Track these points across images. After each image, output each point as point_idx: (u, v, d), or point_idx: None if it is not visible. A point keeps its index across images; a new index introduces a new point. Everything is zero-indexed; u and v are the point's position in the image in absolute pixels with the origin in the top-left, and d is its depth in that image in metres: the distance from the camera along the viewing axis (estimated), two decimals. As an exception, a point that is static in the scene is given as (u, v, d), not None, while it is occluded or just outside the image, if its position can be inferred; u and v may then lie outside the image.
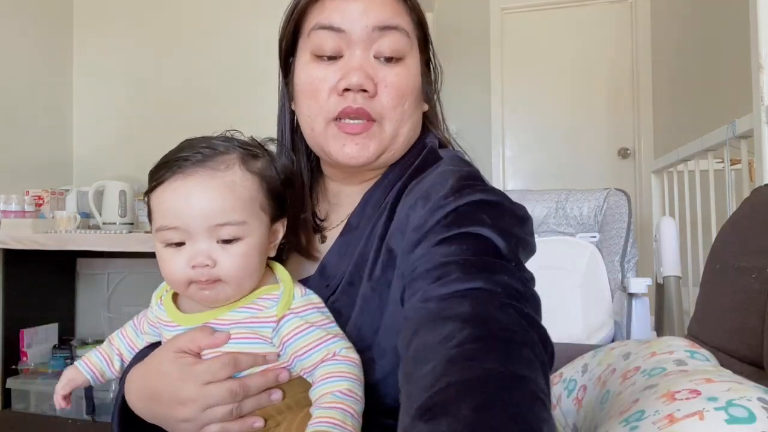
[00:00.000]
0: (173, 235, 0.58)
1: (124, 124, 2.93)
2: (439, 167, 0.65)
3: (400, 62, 0.65)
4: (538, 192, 2.20)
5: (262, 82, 2.77)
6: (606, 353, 0.85)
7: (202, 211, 0.57)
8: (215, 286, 0.59)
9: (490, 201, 0.57)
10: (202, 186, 0.57)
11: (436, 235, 0.54)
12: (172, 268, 0.59)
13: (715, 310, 0.94)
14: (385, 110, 0.65)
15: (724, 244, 0.97)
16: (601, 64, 3.64)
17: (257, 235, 0.60)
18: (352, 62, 0.64)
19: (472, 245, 0.52)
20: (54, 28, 2.87)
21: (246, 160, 0.61)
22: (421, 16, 0.69)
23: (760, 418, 0.46)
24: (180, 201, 0.57)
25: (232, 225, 0.58)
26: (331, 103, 0.65)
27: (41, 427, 2.26)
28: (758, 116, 1.40)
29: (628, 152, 3.60)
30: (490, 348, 0.42)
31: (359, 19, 0.64)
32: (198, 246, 0.58)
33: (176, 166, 0.58)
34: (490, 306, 0.46)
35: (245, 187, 0.59)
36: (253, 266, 0.60)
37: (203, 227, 0.57)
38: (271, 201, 0.62)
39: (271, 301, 0.61)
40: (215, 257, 0.58)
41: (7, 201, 2.27)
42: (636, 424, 0.51)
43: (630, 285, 1.76)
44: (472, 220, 0.54)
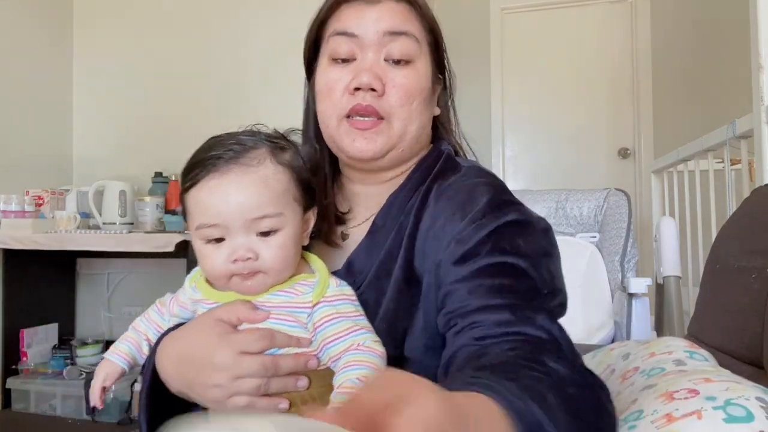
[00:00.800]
0: (213, 231, 0.60)
1: (124, 124, 2.93)
2: (466, 178, 0.70)
3: (408, 65, 0.70)
4: (538, 192, 2.20)
5: (264, 80, 2.77)
6: (605, 354, 0.85)
7: (240, 206, 0.59)
8: (256, 277, 0.61)
9: (522, 222, 0.64)
10: (237, 183, 0.60)
11: (481, 258, 0.61)
12: (214, 263, 0.61)
13: (715, 310, 0.94)
14: (393, 108, 0.69)
15: (724, 244, 0.97)
16: (601, 64, 3.64)
17: (293, 225, 0.63)
18: (363, 64, 0.69)
19: (514, 280, 0.59)
20: (54, 27, 2.87)
21: (275, 153, 0.63)
22: (433, 24, 0.74)
23: (758, 417, 0.46)
24: (217, 199, 0.60)
25: (269, 218, 0.60)
26: (344, 101, 0.70)
27: (41, 427, 2.26)
28: (758, 116, 1.40)
29: (628, 152, 3.60)
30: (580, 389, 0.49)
31: (371, 26, 0.69)
32: (238, 240, 0.60)
33: (210, 165, 0.61)
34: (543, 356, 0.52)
35: (278, 180, 0.62)
36: (291, 256, 0.63)
37: (241, 222, 0.59)
38: (302, 191, 0.65)
39: (307, 287, 0.63)
40: (256, 250, 0.60)
41: (7, 201, 2.27)
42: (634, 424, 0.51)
43: (630, 285, 1.76)
44: (513, 247, 0.61)
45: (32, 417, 2.31)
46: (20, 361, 2.41)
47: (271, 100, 2.75)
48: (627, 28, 3.62)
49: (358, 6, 0.71)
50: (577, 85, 3.66)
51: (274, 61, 2.78)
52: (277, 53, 2.77)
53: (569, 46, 3.69)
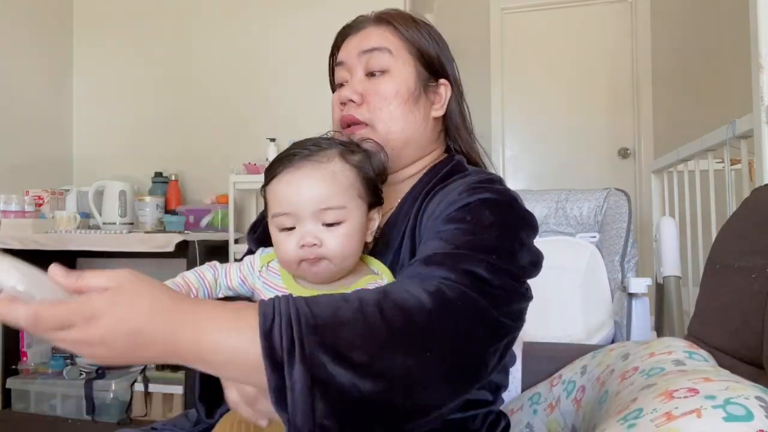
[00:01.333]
0: (286, 220, 0.68)
1: (124, 125, 2.93)
2: (465, 177, 0.76)
3: (385, 74, 0.81)
4: (538, 192, 2.20)
5: (264, 82, 2.77)
6: (605, 354, 0.85)
7: (309, 197, 0.66)
8: (321, 263, 0.67)
9: (497, 200, 0.69)
10: (308, 176, 0.67)
11: (443, 225, 0.67)
12: (286, 248, 0.68)
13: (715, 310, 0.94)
14: (373, 113, 0.80)
15: (724, 244, 0.97)
16: (601, 64, 3.64)
17: (356, 219, 0.69)
18: (348, 83, 0.83)
19: (464, 238, 0.63)
20: (54, 29, 2.87)
21: (345, 154, 0.71)
22: (416, 37, 0.83)
23: (758, 416, 0.46)
24: (290, 190, 0.67)
25: (334, 209, 0.67)
26: (337, 113, 0.83)
27: (41, 427, 2.26)
28: (758, 116, 1.40)
29: (628, 152, 3.60)
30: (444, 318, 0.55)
31: (353, 50, 0.83)
32: (306, 228, 0.67)
33: (287, 161, 0.69)
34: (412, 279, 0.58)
35: (345, 176, 0.69)
36: (354, 246, 0.69)
37: (310, 211, 0.66)
38: (367, 189, 0.71)
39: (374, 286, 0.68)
40: (321, 237, 0.66)
41: (7, 201, 2.27)
42: (634, 422, 0.51)
43: (630, 285, 1.76)
44: (474, 216, 0.66)
45: (32, 417, 2.31)
46: (20, 361, 2.42)
47: (270, 101, 2.75)
48: (627, 28, 3.62)
49: (348, 39, 0.85)
50: (577, 85, 3.66)
51: (274, 63, 2.78)
52: (277, 55, 2.78)
53: (569, 46, 3.69)
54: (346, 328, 0.50)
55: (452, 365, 0.53)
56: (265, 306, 0.51)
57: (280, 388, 0.48)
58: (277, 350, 0.48)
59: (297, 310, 0.50)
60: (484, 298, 0.57)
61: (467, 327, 0.55)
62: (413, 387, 0.51)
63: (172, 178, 2.70)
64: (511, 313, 0.61)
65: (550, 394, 0.91)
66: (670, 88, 3.47)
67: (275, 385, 0.48)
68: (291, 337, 0.48)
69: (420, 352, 0.51)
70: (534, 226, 0.71)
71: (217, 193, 2.67)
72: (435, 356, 0.52)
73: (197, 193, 2.80)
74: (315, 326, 0.49)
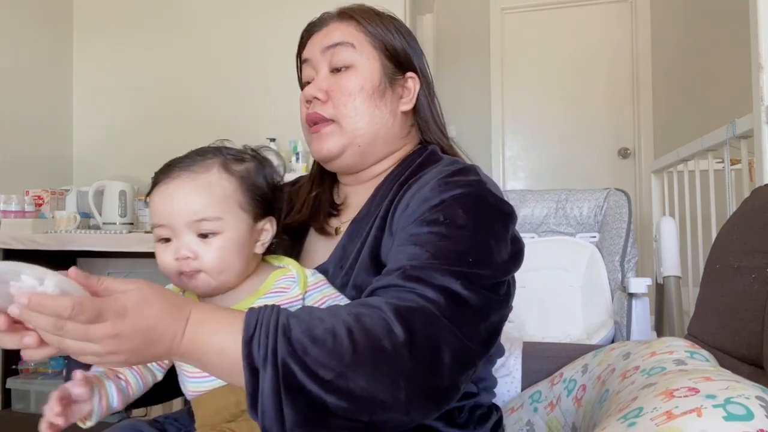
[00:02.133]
0: (162, 231, 0.67)
1: (124, 125, 2.93)
2: (437, 167, 0.75)
3: (349, 69, 0.79)
4: (538, 192, 2.20)
5: (262, 82, 2.77)
6: (606, 353, 0.85)
7: (181, 208, 0.65)
8: (198, 276, 0.66)
9: (469, 195, 0.68)
10: (181, 187, 0.66)
11: (414, 227, 0.66)
12: (163, 260, 0.67)
13: (715, 310, 0.94)
14: (338, 108, 0.78)
15: (724, 244, 0.97)
16: (601, 64, 3.64)
17: (235, 231, 0.67)
18: (314, 80, 0.81)
19: (436, 245, 0.63)
20: (54, 28, 2.87)
21: (227, 164, 0.69)
22: (382, 32, 0.81)
23: (758, 415, 0.46)
24: (165, 201, 0.67)
25: (208, 220, 0.65)
26: (304, 113, 0.82)
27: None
28: (758, 116, 1.40)
29: (628, 152, 3.60)
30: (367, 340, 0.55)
31: (316, 46, 0.81)
32: (181, 240, 0.66)
33: (166, 171, 0.68)
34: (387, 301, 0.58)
35: (221, 186, 0.67)
36: (232, 259, 0.67)
37: (183, 223, 0.65)
38: (252, 200, 0.69)
39: (289, 281, 0.70)
40: (196, 250, 0.65)
41: (7, 201, 2.27)
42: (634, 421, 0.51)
43: (630, 285, 1.76)
44: (448, 217, 0.65)
45: (32, 417, 2.31)
46: (20, 361, 2.41)
47: (269, 103, 2.75)
48: (627, 28, 3.62)
49: (313, 36, 0.83)
50: (577, 84, 3.67)
51: (274, 63, 2.78)
52: (277, 55, 2.77)
53: (569, 46, 3.69)
54: (316, 345, 0.52)
55: (419, 391, 0.55)
56: (250, 315, 0.54)
57: (254, 394, 0.51)
58: (255, 357, 0.52)
59: (277, 322, 0.53)
60: (457, 325, 0.58)
61: (437, 359, 0.56)
62: (377, 408, 0.53)
63: (172, 178, 2.70)
64: (487, 332, 0.61)
65: (550, 392, 0.91)
66: (670, 88, 3.47)
67: (251, 391, 0.51)
68: (267, 345, 0.52)
69: (384, 378, 0.53)
70: (509, 213, 0.70)
71: (217, 193, 2.67)
72: (400, 382, 0.53)
73: (197, 193, 2.80)
74: (289, 339, 0.52)
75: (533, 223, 2.13)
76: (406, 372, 0.54)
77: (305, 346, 0.52)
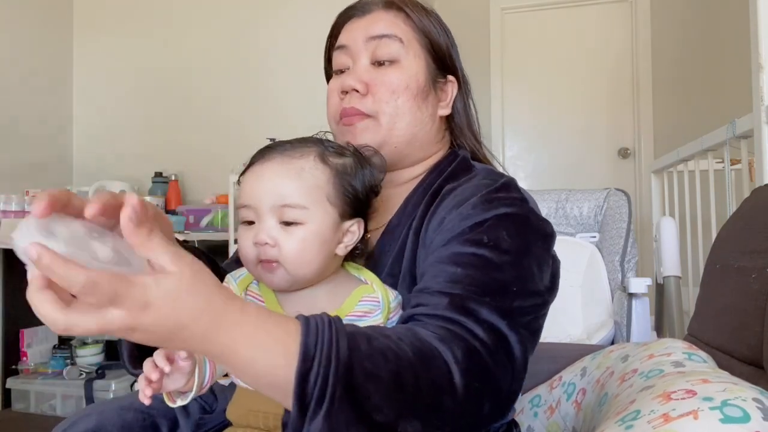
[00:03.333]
0: (246, 213, 0.64)
1: (124, 124, 2.94)
2: (474, 179, 0.72)
3: (394, 64, 0.75)
4: (538, 192, 2.19)
5: (265, 80, 2.77)
6: (604, 356, 0.85)
7: (268, 190, 0.62)
8: (275, 269, 0.62)
9: (513, 215, 0.65)
10: (273, 169, 0.63)
11: (456, 245, 0.63)
12: (243, 244, 0.64)
13: (715, 310, 0.94)
14: (378, 105, 0.74)
15: (724, 244, 0.97)
16: (601, 64, 3.64)
17: (319, 224, 0.63)
18: (352, 70, 0.76)
19: (479, 272, 0.60)
20: (54, 28, 2.87)
21: (325, 155, 0.65)
22: (428, 28, 0.78)
23: (755, 418, 0.46)
24: (254, 181, 0.64)
25: (292, 207, 0.62)
26: (336, 105, 0.77)
27: (41, 427, 2.26)
28: (758, 116, 1.39)
29: (628, 152, 3.60)
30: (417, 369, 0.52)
31: (359, 35, 0.76)
32: (262, 224, 0.62)
33: (264, 152, 0.66)
34: (446, 343, 0.54)
35: (313, 175, 0.63)
36: (312, 254, 0.63)
37: (268, 206, 0.62)
38: (342, 196, 0.65)
39: (372, 304, 0.66)
40: (276, 236, 0.62)
41: (7, 201, 2.27)
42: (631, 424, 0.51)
43: (630, 285, 1.75)
44: (491, 239, 0.62)
45: (32, 417, 2.31)
46: (20, 361, 2.42)
47: (270, 101, 2.75)
48: (627, 28, 3.62)
49: (352, 21, 0.78)
50: (577, 85, 3.66)
51: (274, 62, 2.78)
52: (277, 55, 2.78)
53: (569, 46, 3.68)
54: (378, 391, 0.49)
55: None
56: (307, 341, 0.48)
57: (297, 430, 0.48)
58: (308, 395, 0.47)
59: (338, 357, 0.48)
60: (502, 372, 0.56)
61: (479, 409, 0.55)
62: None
63: (172, 178, 2.70)
64: (522, 372, 0.60)
65: (550, 396, 0.91)
66: (670, 88, 3.47)
67: (296, 427, 0.48)
68: (324, 387, 0.47)
69: (433, 426, 0.52)
70: (551, 233, 0.68)
71: (217, 193, 2.67)
72: (446, 429, 0.53)
73: (197, 193, 2.80)
74: (351, 384, 0.48)
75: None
76: (453, 420, 0.53)
77: (367, 391, 0.48)
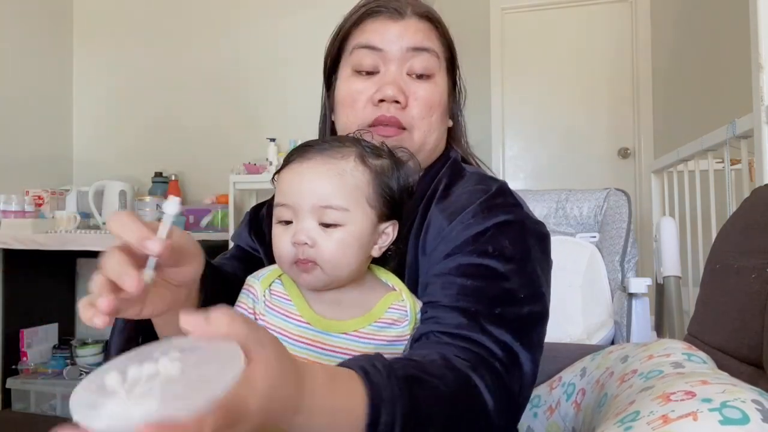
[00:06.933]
0: (284, 212, 0.63)
1: (124, 124, 2.94)
2: (468, 185, 0.72)
3: (429, 79, 0.74)
4: (538, 192, 2.20)
5: (264, 82, 2.77)
6: (604, 356, 0.85)
7: (309, 190, 0.61)
8: (312, 269, 0.62)
9: (512, 222, 0.66)
10: (314, 169, 0.62)
11: (462, 256, 0.64)
12: (280, 244, 0.63)
13: (715, 310, 0.94)
14: (415, 120, 0.73)
15: (724, 244, 0.97)
16: (601, 64, 3.64)
17: (358, 226, 0.62)
18: (387, 77, 0.73)
19: (488, 282, 0.62)
20: (54, 28, 2.87)
21: (364, 156, 0.64)
22: (451, 42, 0.78)
23: (754, 419, 0.46)
24: (294, 180, 0.63)
25: (334, 209, 0.61)
26: (367, 112, 0.73)
27: (41, 427, 2.26)
28: (758, 116, 1.39)
29: (628, 152, 3.60)
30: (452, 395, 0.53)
31: (395, 41, 0.73)
32: (301, 224, 0.61)
33: (301, 151, 0.64)
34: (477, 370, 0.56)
35: (354, 177, 0.63)
36: (350, 255, 0.62)
37: (308, 206, 0.61)
38: (381, 198, 0.64)
39: (401, 313, 0.65)
40: (315, 237, 0.61)
41: (7, 201, 2.28)
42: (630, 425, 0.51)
43: (630, 285, 1.76)
44: (495, 248, 0.63)
45: (32, 417, 2.31)
46: (20, 361, 2.42)
47: (270, 101, 2.75)
48: (627, 28, 3.62)
49: (382, 21, 0.74)
50: (577, 85, 3.66)
51: (274, 63, 2.78)
52: (277, 55, 2.78)
53: (569, 46, 3.68)
54: (435, 429, 0.51)
55: None
56: (373, 401, 0.46)
57: None
58: None
59: (402, 411, 0.47)
60: (518, 388, 0.59)
61: (504, 424, 0.57)
62: None
63: (172, 178, 2.70)
64: (529, 388, 0.62)
65: (549, 396, 0.91)
66: (670, 88, 3.47)
67: None
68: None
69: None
70: (546, 234, 0.70)
71: (217, 193, 2.67)
72: None
73: (197, 193, 2.80)
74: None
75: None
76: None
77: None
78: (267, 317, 0.64)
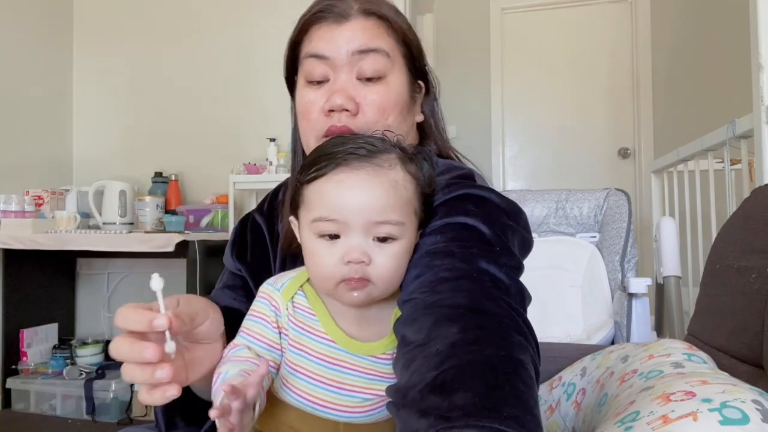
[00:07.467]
0: (330, 227, 0.57)
1: (125, 124, 2.94)
2: (438, 176, 0.69)
3: (380, 81, 0.70)
4: (538, 192, 2.20)
5: (263, 82, 2.77)
6: (604, 356, 0.85)
7: (365, 206, 0.56)
8: (366, 287, 0.57)
9: (476, 195, 0.63)
10: (367, 181, 0.57)
11: (432, 223, 0.61)
12: (325, 261, 0.57)
13: (715, 310, 0.94)
14: (369, 125, 0.68)
15: (724, 244, 0.97)
16: (601, 64, 3.64)
17: (409, 239, 0.59)
18: (336, 85, 0.70)
19: (457, 234, 0.58)
20: (54, 28, 2.87)
21: (404, 161, 0.60)
22: (406, 34, 0.73)
23: (754, 419, 0.46)
24: (344, 193, 0.57)
25: (391, 224, 0.57)
26: (320, 122, 0.70)
27: (41, 427, 2.26)
28: (758, 116, 1.39)
29: (628, 152, 3.60)
30: (490, 335, 0.49)
31: (342, 46, 0.69)
32: (354, 241, 0.56)
33: (341, 159, 0.58)
34: (483, 298, 0.52)
35: (406, 188, 0.59)
36: (400, 270, 0.59)
37: (362, 222, 0.56)
38: (422, 206, 0.61)
39: None
40: (371, 254, 0.56)
41: (7, 201, 2.28)
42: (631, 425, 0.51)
43: (630, 285, 1.76)
44: (458, 211, 0.60)
45: (32, 417, 2.31)
46: (20, 361, 2.42)
47: (270, 101, 2.75)
48: (627, 28, 3.62)
49: (327, 27, 0.70)
50: (577, 85, 3.66)
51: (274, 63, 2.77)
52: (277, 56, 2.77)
53: (569, 46, 3.68)
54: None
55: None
56: None
57: None
58: None
59: None
60: (513, 314, 0.55)
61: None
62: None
63: (172, 178, 2.70)
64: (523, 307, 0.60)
65: (549, 396, 0.91)
66: (670, 88, 3.47)
67: None
68: None
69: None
70: (517, 209, 0.65)
71: (217, 193, 2.67)
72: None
73: (197, 193, 2.80)
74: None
75: (533, 223, 2.13)
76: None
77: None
78: (290, 332, 0.60)
